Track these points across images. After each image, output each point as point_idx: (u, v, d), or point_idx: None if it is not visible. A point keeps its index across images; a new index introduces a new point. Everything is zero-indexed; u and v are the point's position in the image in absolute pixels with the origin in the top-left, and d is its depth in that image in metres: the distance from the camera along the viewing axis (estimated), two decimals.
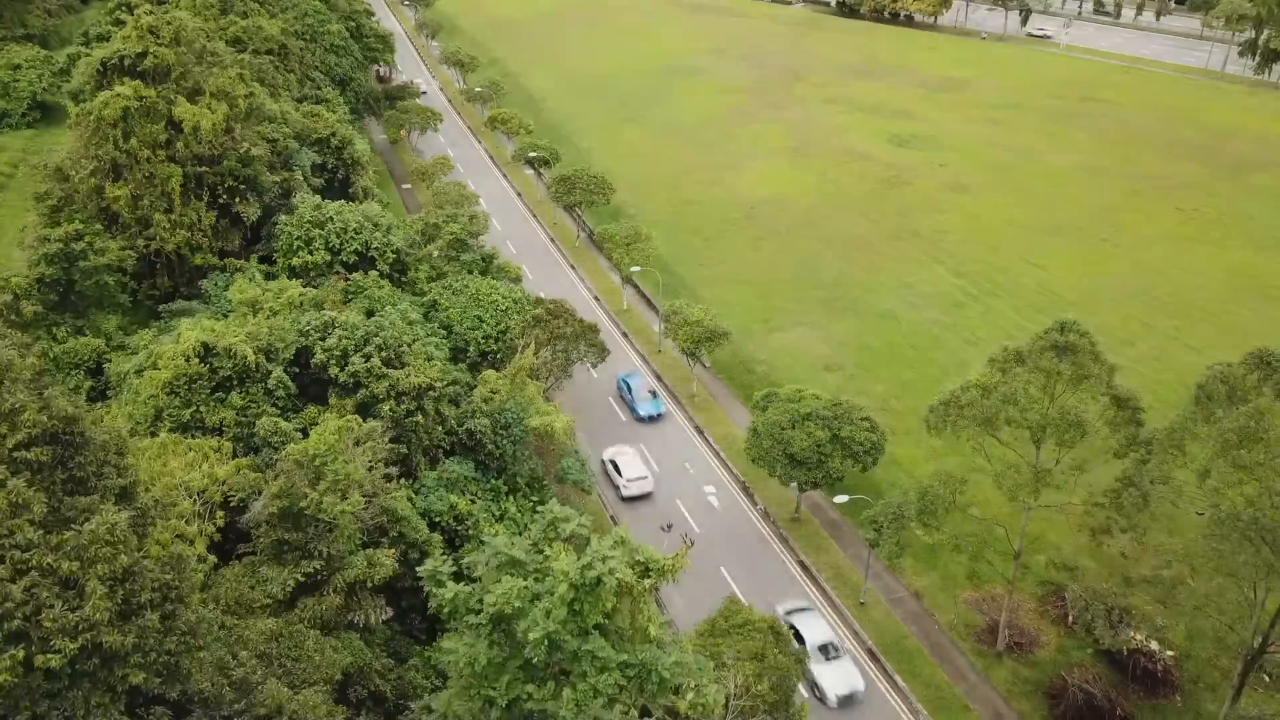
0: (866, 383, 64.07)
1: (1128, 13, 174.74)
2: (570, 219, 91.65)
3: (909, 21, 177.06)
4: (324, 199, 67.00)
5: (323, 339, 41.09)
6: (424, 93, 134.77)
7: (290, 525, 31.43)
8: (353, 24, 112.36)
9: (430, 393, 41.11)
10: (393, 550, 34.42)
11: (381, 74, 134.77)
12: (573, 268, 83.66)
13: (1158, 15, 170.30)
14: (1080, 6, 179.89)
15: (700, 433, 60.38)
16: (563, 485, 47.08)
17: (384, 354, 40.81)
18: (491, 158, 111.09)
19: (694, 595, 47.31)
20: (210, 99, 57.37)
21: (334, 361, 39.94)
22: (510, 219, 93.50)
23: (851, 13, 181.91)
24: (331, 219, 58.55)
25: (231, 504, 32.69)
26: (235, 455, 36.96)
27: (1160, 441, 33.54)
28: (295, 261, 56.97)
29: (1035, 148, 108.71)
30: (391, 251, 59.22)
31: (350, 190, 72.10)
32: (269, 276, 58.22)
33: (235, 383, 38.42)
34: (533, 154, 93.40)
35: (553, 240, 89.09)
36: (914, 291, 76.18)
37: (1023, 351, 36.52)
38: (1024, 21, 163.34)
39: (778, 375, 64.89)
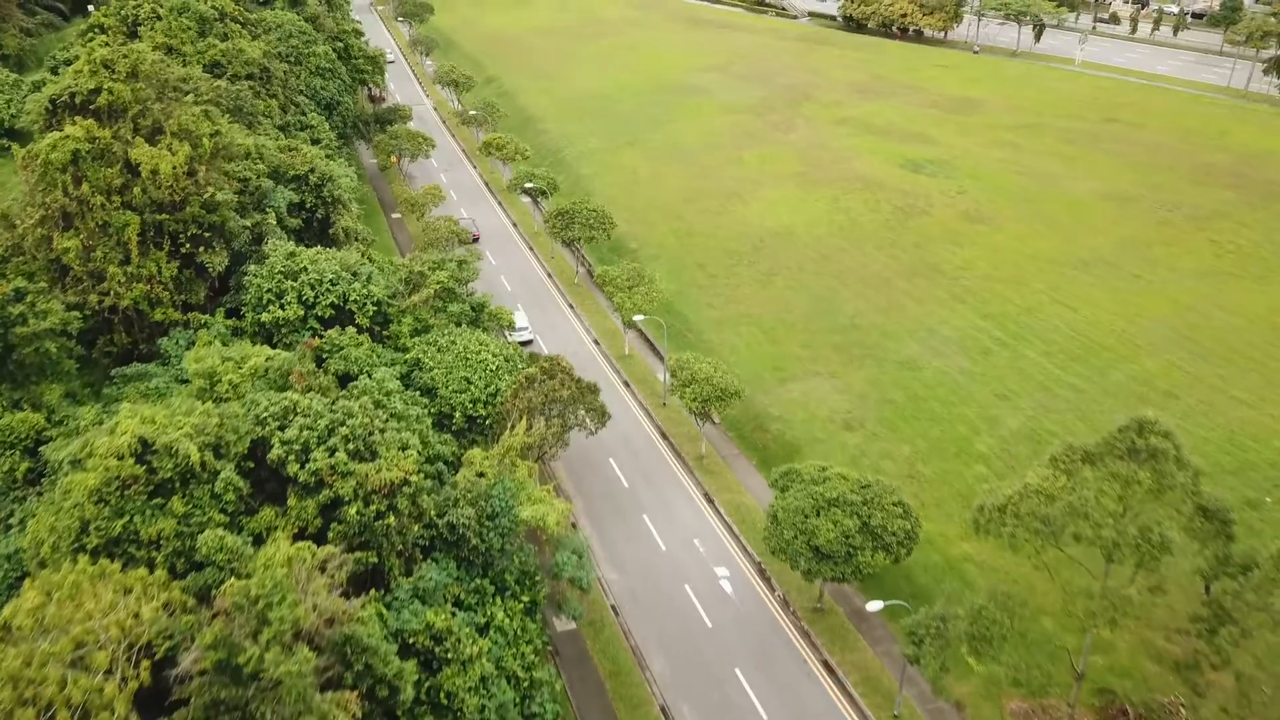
0: (890, 443, 58.74)
1: (1143, 28, 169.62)
2: (569, 254, 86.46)
3: (919, 36, 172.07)
4: (301, 241, 62.04)
5: (282, 428, 35.83)
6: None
7: (228, 680, 26.20)
8: (341, 45, 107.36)
9: (405, 488, 35.89)
10: (355, 693, 29.19)
11: (373, 95, 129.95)
12: (571, 307, 78.50)
13: (1175, 31, 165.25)
14: (1094, 21, 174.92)
15: (710, 501, 55.08)
16: (558, 582, 41.77)
17: (351, 445, 35.57)
18: (486, 184, 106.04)
19: (706, 705, 42.07)
20: (171, 139, 52.28)
21: (293, 457, 34.67)
22: (506, 251, 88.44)
23: (859, 28, 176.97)
24: (305, 269, 53.42)
25: (156, 655, 27.41)
26: (174, 573, 31.76)
27: (1265, 568, 28.35)
28: (265, 317, 51.83)
29: (1056, 173, 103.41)
30: (372, 304, 54.09)
31: (330, 231, 66.89)
32: (236, 332, 53.18)
33: (177, 485, 33.18)
34: (529, 184, 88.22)
35: (550, 276, 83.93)
36: (937, 336, 70.86)
37: (1092, 452, 31.25)
38: (1037, 37, 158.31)
39: (793, 434, 59.69)
